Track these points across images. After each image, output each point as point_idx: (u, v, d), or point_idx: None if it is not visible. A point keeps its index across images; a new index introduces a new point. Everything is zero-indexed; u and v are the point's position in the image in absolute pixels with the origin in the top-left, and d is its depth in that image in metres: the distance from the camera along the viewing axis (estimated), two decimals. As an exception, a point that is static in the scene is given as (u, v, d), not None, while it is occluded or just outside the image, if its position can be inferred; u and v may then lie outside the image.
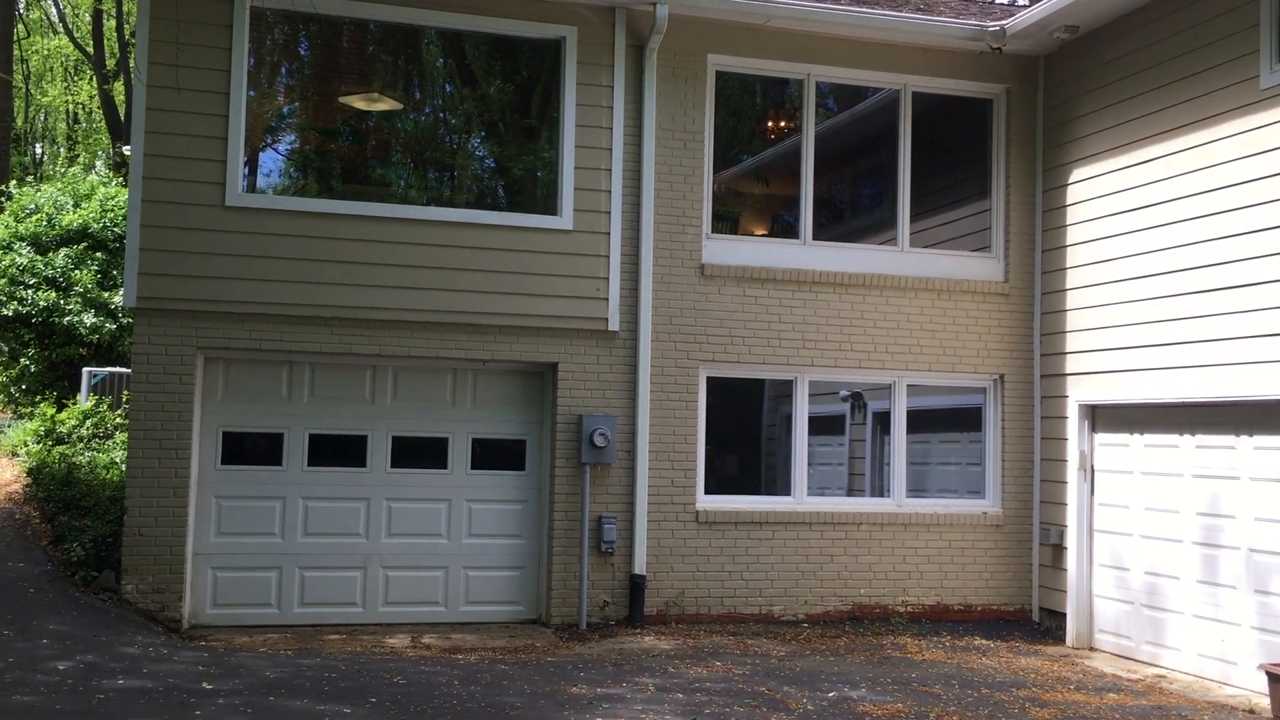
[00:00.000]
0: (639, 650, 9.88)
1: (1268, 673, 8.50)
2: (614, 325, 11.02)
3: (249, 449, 10.60)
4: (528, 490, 11.11)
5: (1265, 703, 8.59)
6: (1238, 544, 9.46)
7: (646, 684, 8.55)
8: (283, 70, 11.64)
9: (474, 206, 11.20)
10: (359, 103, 11.30)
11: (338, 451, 10.75)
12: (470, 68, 11.68)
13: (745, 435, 12.16)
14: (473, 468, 10.99)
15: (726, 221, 12.08)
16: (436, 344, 10.70)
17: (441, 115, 11.83)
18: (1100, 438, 11.11)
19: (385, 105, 11.35)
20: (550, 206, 11.08)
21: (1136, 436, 10.66)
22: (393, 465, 10.81)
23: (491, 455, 11.09)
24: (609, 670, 9.01)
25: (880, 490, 11.96)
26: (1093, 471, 11.15)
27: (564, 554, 10.85)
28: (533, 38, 11.13)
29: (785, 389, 11.73)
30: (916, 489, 12.01)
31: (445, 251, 10.70)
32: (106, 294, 15.97)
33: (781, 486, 11.66)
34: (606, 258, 11.03)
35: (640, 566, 10.95)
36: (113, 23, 29.71)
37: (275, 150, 11.47)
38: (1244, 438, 9.48)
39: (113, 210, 16.90)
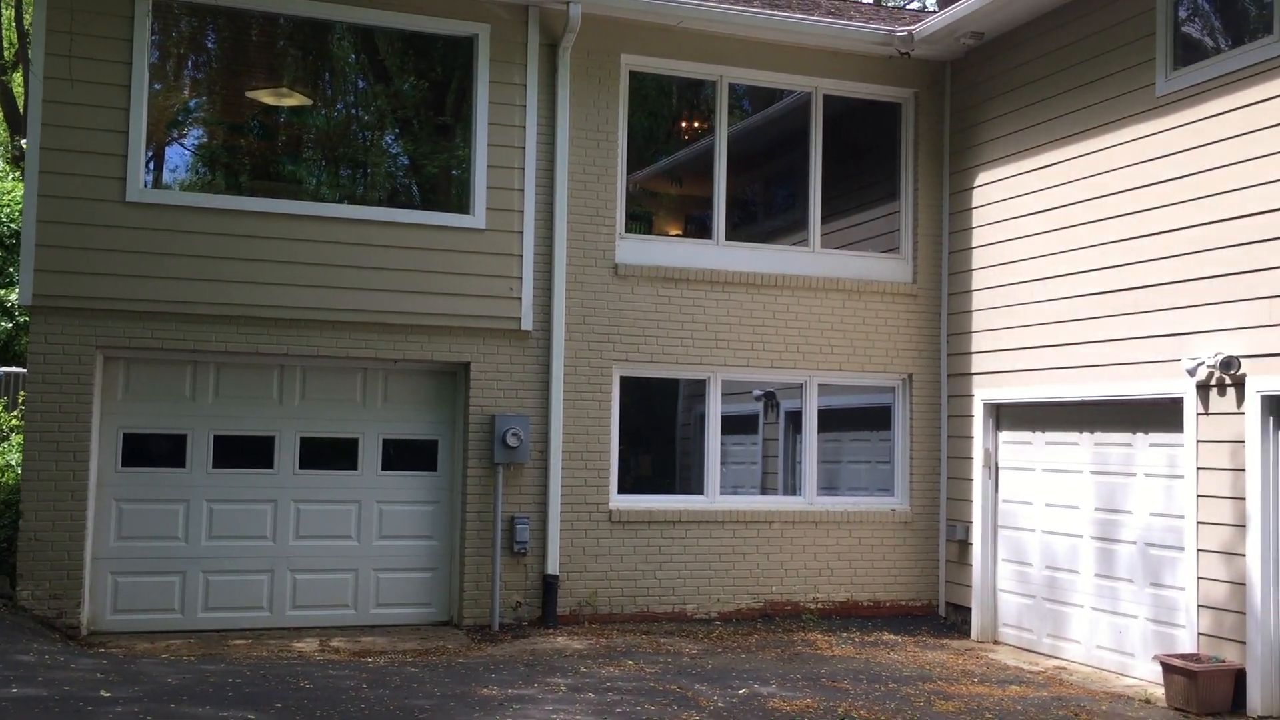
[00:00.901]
0: (551, 650, 9.86)
1: (1163, 663, 8.76)
2: (527, 325, 10.98)
3: (151, 451, 10.35)
4: (440, 491, 11.02)
5: (1160, 692, 8.86)
6: (1134, 538, 9.74)
7: (558, 684, 8.53)
8: (189, 64, 11.38)
9: (388, 204, 11.07)
10: (267, 98, 11.11)
11: (244, 453, 10.54)
12: (384, 64, 11.54)
13: (660, 434, 12.21)
14: (383, 469, 10.87)
15: (641, 221, 12.12)
16: (347, 343, 10.56)
17: (354, 112, 11.67)
18: (1004, 436, 11.36)
19: (294, 100, 11.17)
20: (464, 205, 11.00)
21: (1039, 434, 10.92)
22: (301, 467, 10.64)
23: (403, 456, 10.97)
24: (521, 671, 8.98)
25: (792, 489, 12.09)
26: (997, 469, 11.40)
27: (476, 555, 10.79)
28: (445, 34, 11.05)
29: (699, 388, 11.80)
30: (828, 487, 12.17)
31: (356, 250, 10.56)
32: (2, 292, 15.48)
33: (695, 486, 11.72)
34: (520, 257, 10.99)
35: (553, 566, 10.92)
36: (11, 12, 28.80)
37: (181, 145, 11.21)
38: (1140, 435, 9.76)
39: (9, 205, 16.39)
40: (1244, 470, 8.60)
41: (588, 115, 11.33)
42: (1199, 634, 8.90)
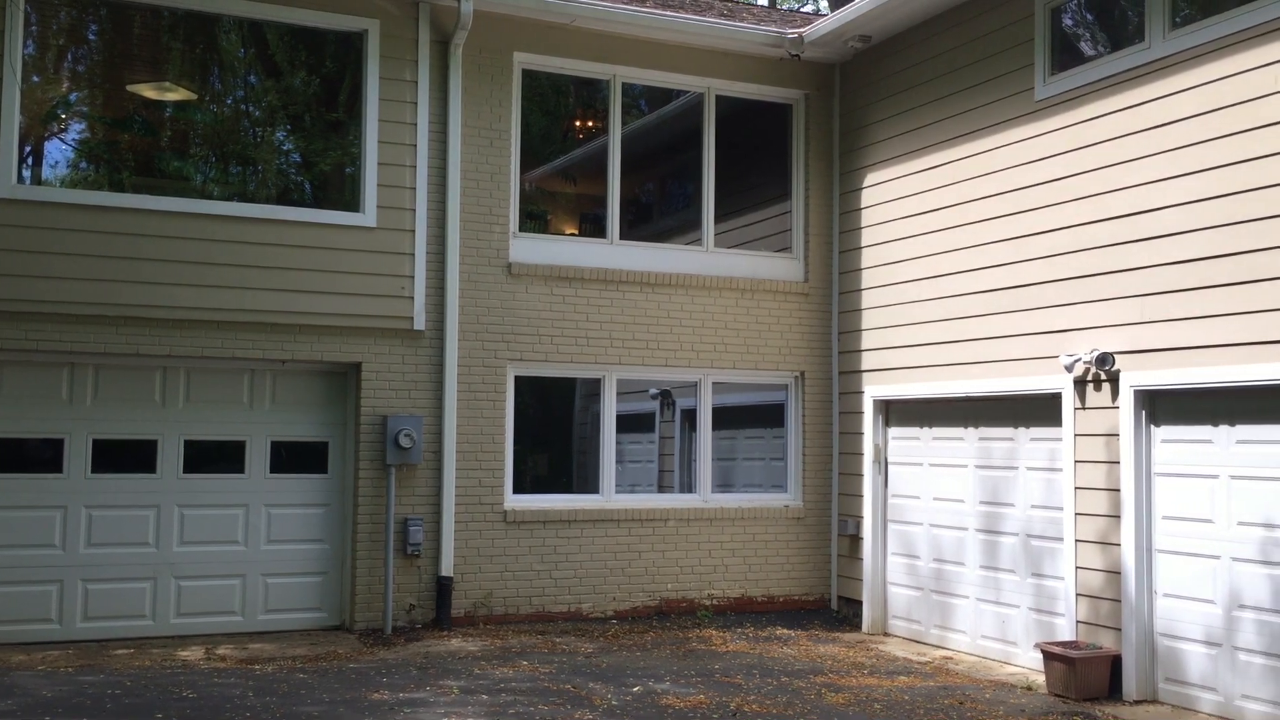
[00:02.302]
0: (445, 653, 9.77)
1: (1043, 651, 9.02)
2: (419, 324, 10.86)
3: (25, 456, 9.99)
4: (330, 493, 10.84)
5: (1041, 679, 9.12)
6: (1016, 530, 10.01)
7: (451, 687, 8.46)
8: (69, 56, 11.02)
9: (280, 202, 10.85)
10: (149, 92, 10.81)
11: (125, 457, 10.23)
12: (274, 59, 11.31)
13: (556, 434, 12.19)
14: (272, 471, 10.65)
15: (536, 220, 12.09)
16: (233, 344, 10.32)
17: (244, 107, 11.41)
18: (893, 431, 11.59)
19: (178, 95, 10.89)
20: (355, 203, 10.83)
21: (926, 430, 11.16)
22: (185, 470, 10.37)
23: (292, 458, 10.77)
24: (413, 674, 8.88)
25: (688, 486, 12.17)
26: (886, 464, 11.62)
27: (368, 557, 10.63)
28: (334, 30, 10.87)
29: (596, 387, 11.81)
30: (723, 484, 12.27)
31: (242, 248, 10.33)
32: None
33: (591, 484, 11.72)
34: (411, 255, 10.86)
35: (447, 568, 10.83)
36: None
37: (61, 140, 10.85)
38: (1022, 430, 10.04)
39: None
40: (1118, 462, 8.90)
41: (481, 113, 11.25)
42: (1078, 622, 9.19)
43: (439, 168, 11.02)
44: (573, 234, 12.34)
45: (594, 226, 12.17)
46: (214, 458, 10.51)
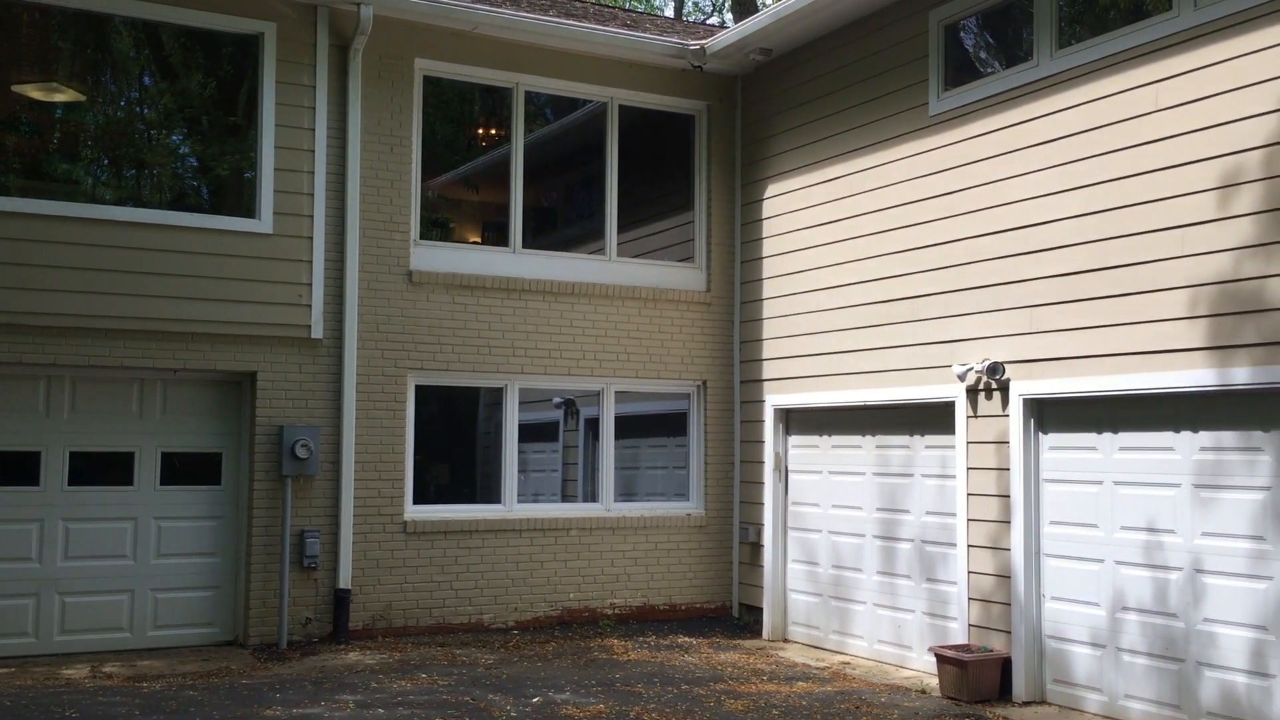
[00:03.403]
0: (342, 667, 9.61)
1: (937, 655, 9.19)
2: (317, 333, 10.69)
3: (-101, 469, 9.60)
4: (224, 505, 10.59)
5: (935, 682, 9.28)
6: (912, 536, 10.20)
7: (347, 701, 8.32)
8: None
9: (176, 207, 10.58)
10: (35, 93, 10.48)
11: (5, 470, 9.87)
12: (169, 60, 11.04)
13: (459, 443, 12.09)
14: (162, 483, 10.37)
15: (440, 228, 11.98)
16: (121, 353, 10.03)
17: (138, 109, 11.11)
18: (794, 440, 11.72)
19: (66, 96, 10.57)
20: (252, 209, 10.61)
21: (825, 438, 11.31)
22: (70, 483, 10.04)
23: (184, 470, 10.50)
24: (308, 689, 8.71)
25: (591, 495, 12.15)
26: (787, 472, 11.74)
27: (263, 571, 10.41)
28: (229, 32, 10.65)
29: (499, 396, 11.73)
30: (626, 493, 12.29)
31: (133, 254, 10.05)
32: None
33: (494, 494, 11.64)
34: (309, 263, 10.68)
35: (345, 580, 10.65)
36: None
37: (-57, 143, 10.46)
38: (917, 438, 10.23)
39: None
40: (1008, 469, 9.11)
41: (381, 120, 11.12)
42: (970, 625, 9.39)
43: (338, 174, 10.87)
44: (476, 242, 12.26)
45: (497, 235, 12.10)
46: (101, 469, 10.19)
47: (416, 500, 11.23)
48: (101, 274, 9.92)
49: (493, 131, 12.31)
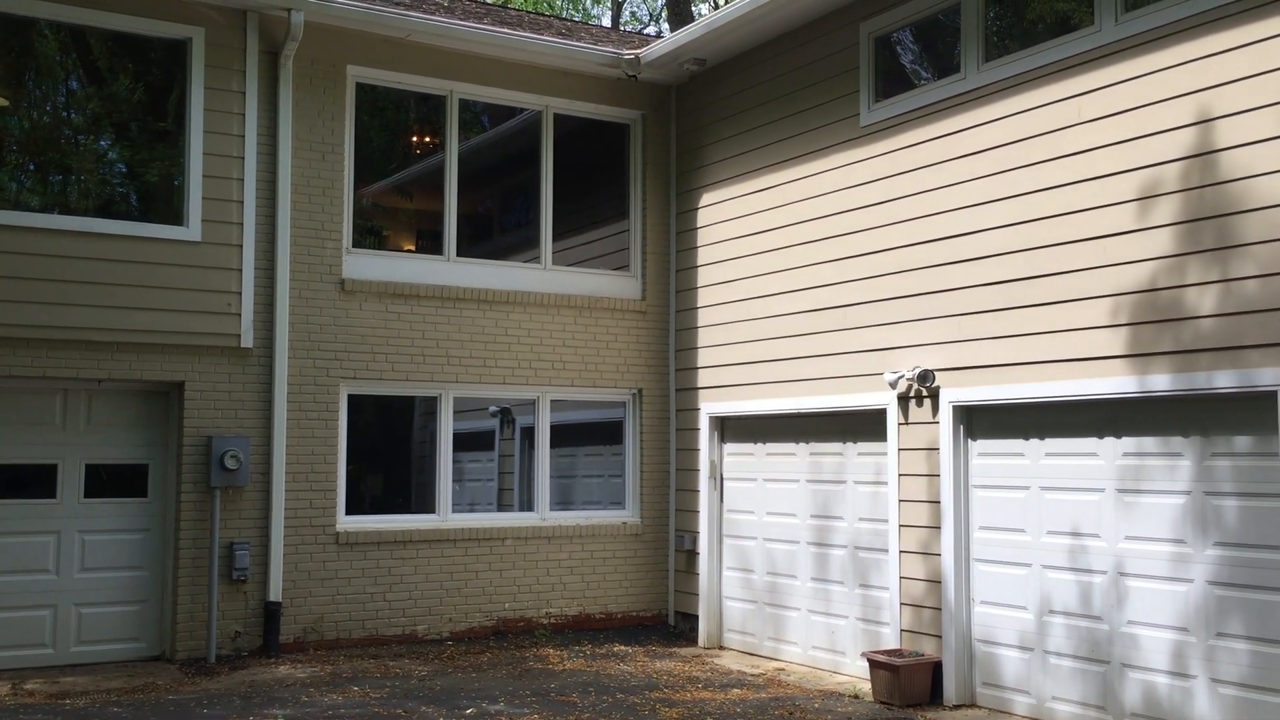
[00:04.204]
0: (272, 680, 9.47)
1: (869, 660, 9.28)
2: (247, 342, 10.54)
3: None
4: (151, 518, 10.40)
5: (868, 687, 9.36)
6: (845, 543, 10.28)
7: (276, 715, 8.20)
8: None
9: (105, 214, 10.37)
10: (-47, 96, 10.23)
11: (-78, 483, 9.64)
12: (96, 65, 10.82)
13: (394, 453, 11.98)
14: (86, 495, 10.15)
15: (374, 236, 11.88)
16: (43, 362, 9.81)
17: (65, 114, 10.88)
18: (729, 448, 11.77)
19: (-14, 101, 10.33)
20: (180, 216, 10.44)
21: (760, 446, 11.37)
22: (-10, 497, 9.82)
23: (109, 481, 10.29)
24: (236, 704, 8.57)
25: (527, 504, 12.11)
26: (722, 480, 11.79)
27: (191, 584, 10.23)
28: (157, 37, 10.48)
29: (434, 406, 11.65)
30: (563, 502, 12.26)
31: (55, 262, 9.84)
32: None
33: (428, 504, 11.55)
34: (239, 271, 10.53)
35: (276, 593, 10.50)
36: None
37: None
38: (850, 445, 10.33)
39: None
40: (939, 475, 9.23)
41: (312, 127, 11.01)
42: (902, 630, 9.48)
43: (268, 181, 10.74)
44: (410, 250, 12.17)
45: (432, 243, 12.02)
46: (22, 482, 9.95)
47: (349, 511, 11.11)
48: (24, 282, 9.71)
49: (427, 139, 12.24)
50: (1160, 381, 7.68)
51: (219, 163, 10.50)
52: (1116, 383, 7.94)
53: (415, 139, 12.41)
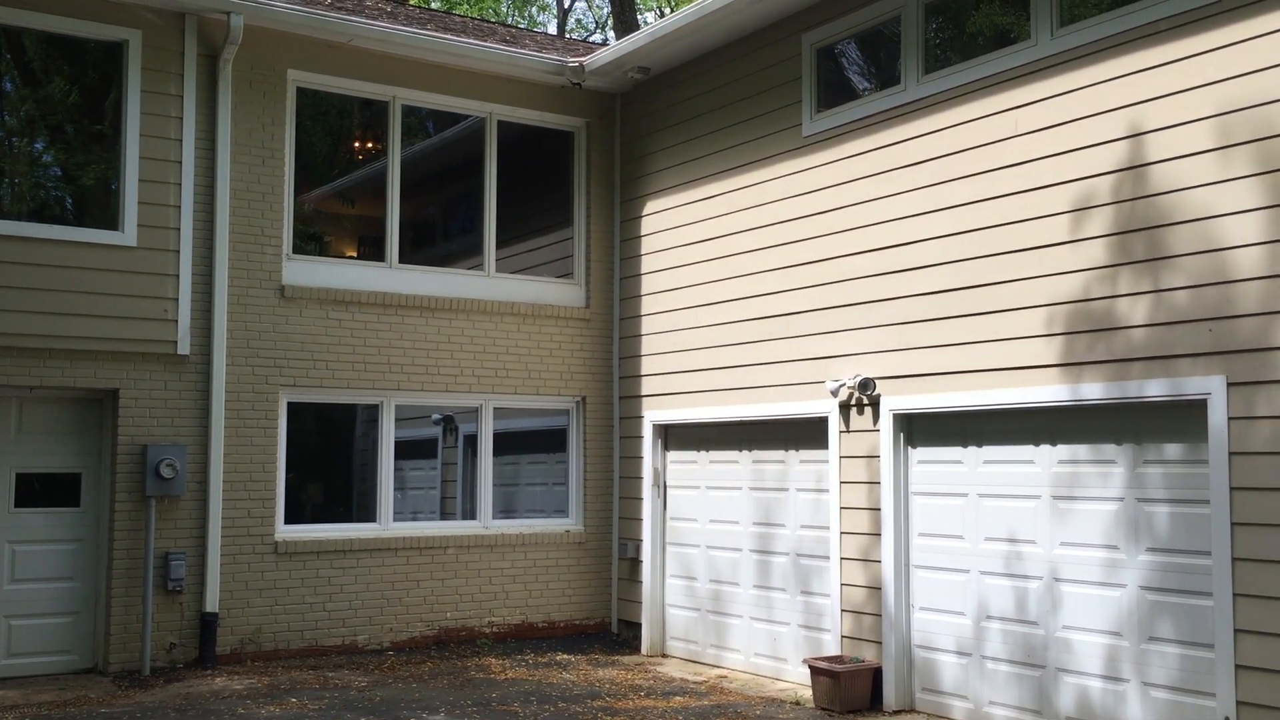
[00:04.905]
0: (208, 693, 9.32)
1: (810, 666, 9.33)
2: (184, 348, 10.38)
3: None
4: (84, 528, 10.20)
5: (809, 693, 9.42)
6: (787, 550, 10.34)
7: (212, 728, 8.08)
8: None
9: (36, 218, 10.15)
10: (-118, 97, 9.99)
11: None
12: (31, 66, 10.61)
13: (335, 461, 11.86)
14: (17, 505, 9.94)
15: (315, 242, 11.76)
16: (-27, 369, 9.61)
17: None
18: (672, 455, 11.79)
19: (-88, 102, 10.09)
20: (115, 221, 10.27)
21: (704, 454, 11.40)
22: (-84, 506, 9.59)
23: (41, 491, 10.08)
24: (171, 717, 8.43)
25: (470, 513, 12.04)
26: (665, 488, 11.81)
27: (125, 595, 10.05)
28: (92, 39, 10.30)
29: (376, 413, 11.55)
30: (506, 510, 12.21)
31: (-14, 266, 9.65)
32: None
33: (370, 513, 11.44)
34: (176, 277, 10.38)
35: (212, 604, 10.35)
36: None
37: None
38: (792, 453, 10.39)
39: None
40: (879, 482, 9.32)
41: (252, 131, 10.88)
42: (843, 637, 9.55)
43: (207, 186, 10.60)
44: (352, 257, 12.06)
45: (374, 249, 11.93)
46: (-50, 492, 9.75)
47: (289, 520, 10.98)
48: (-48, 287, 9.51)
49: (370, 145, 12.15)
50: (1094, 390, 7.81)
51: (156, 167, 10.34)
52: (1052, 391, 8.06)
53: (358, 144, 12.31)
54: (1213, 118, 7.30)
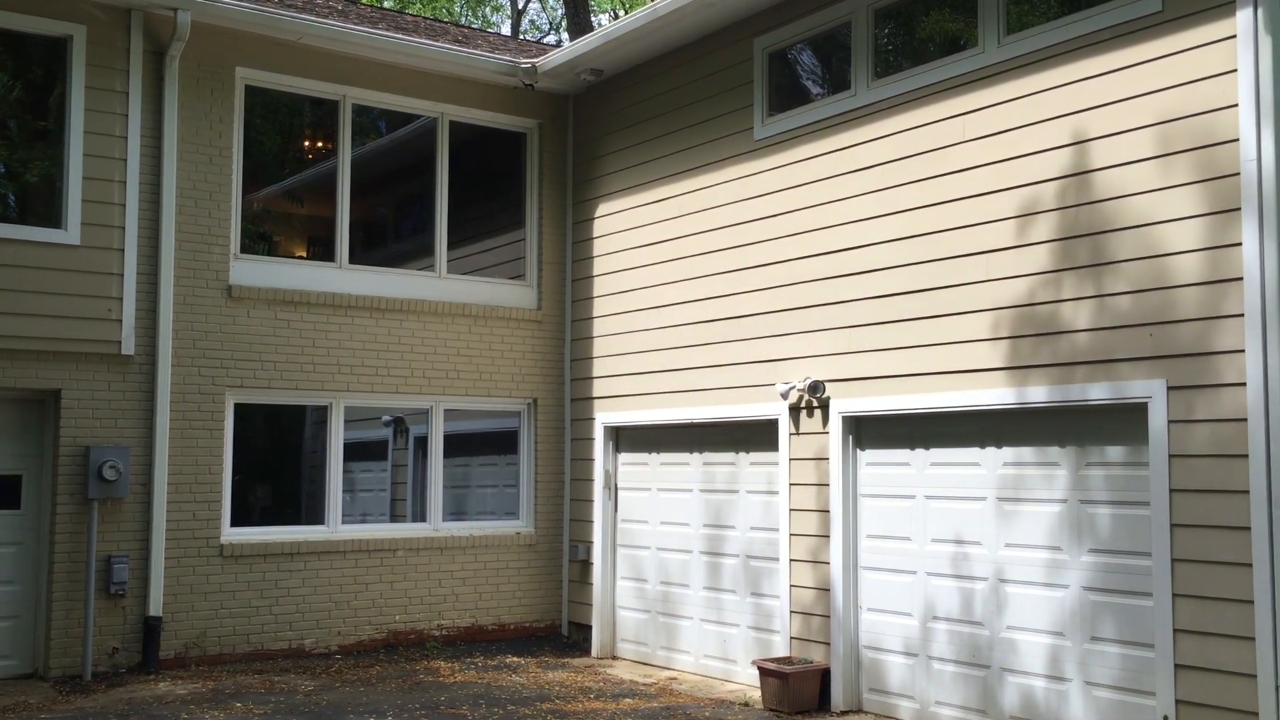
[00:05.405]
0: (151, 698, 9.19)
1: (760, 668, 9.36)
2: (128, 349, 10.24)
3: None
4: (24, 531, 10.02)
5: (758, 695, 9.45)
6: (737, 552, 10.37)
7: (154, 734, 7.97)
8: None
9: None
10: None
11: None
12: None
13: (283, 463, 11.74)
14: (-46, 508, 9.78)
15: (263, 242, 11.64)
16: (-91, 369, 9.42)
17: (-63, 111, 10.47)
18: (624, 457, 11.79)
19: None
20: (58, 219, 10.10)
21: (655, 456, 11.41)
22: None
23: (-21, 493, 9.92)
24: (112, 723, 8.31)
25: (420, 515, 11.96)
26: (616, 490, 11.81)
27: (66, 599, 9.89)
28: (36, 34, 10.13)
29: (325, 415, 11.45)
30: (457, 512, 12.15)
31: (-77, 264, 9.46)
32: None
33: (318, 515, 11.34)
34: (120, 276, 10.23)
35: (156, 608, 10.20)
36: None
37: None
38: (743, 455, 10.43)
39: None
40: (828, 484, 9.37)
41: (199, 129, 10.75)
42: (792, 638, 9.60)
43: (152, 184, 10.45)
44: (301, 257, 11.95)
45: (324, 250, 11.82)
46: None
47: (235, 522, 10.86)
48: (-112, 285, 9.31)
49: (320, 144, 12.04)
50: (1038, 393, 7.91)
51: (100, 164, 10.19)
52: (998, 394, 8.15)
53: (308, 143, 12.21)
54: (1153, 126, 7.42)
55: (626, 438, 11.80)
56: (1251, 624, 6.73)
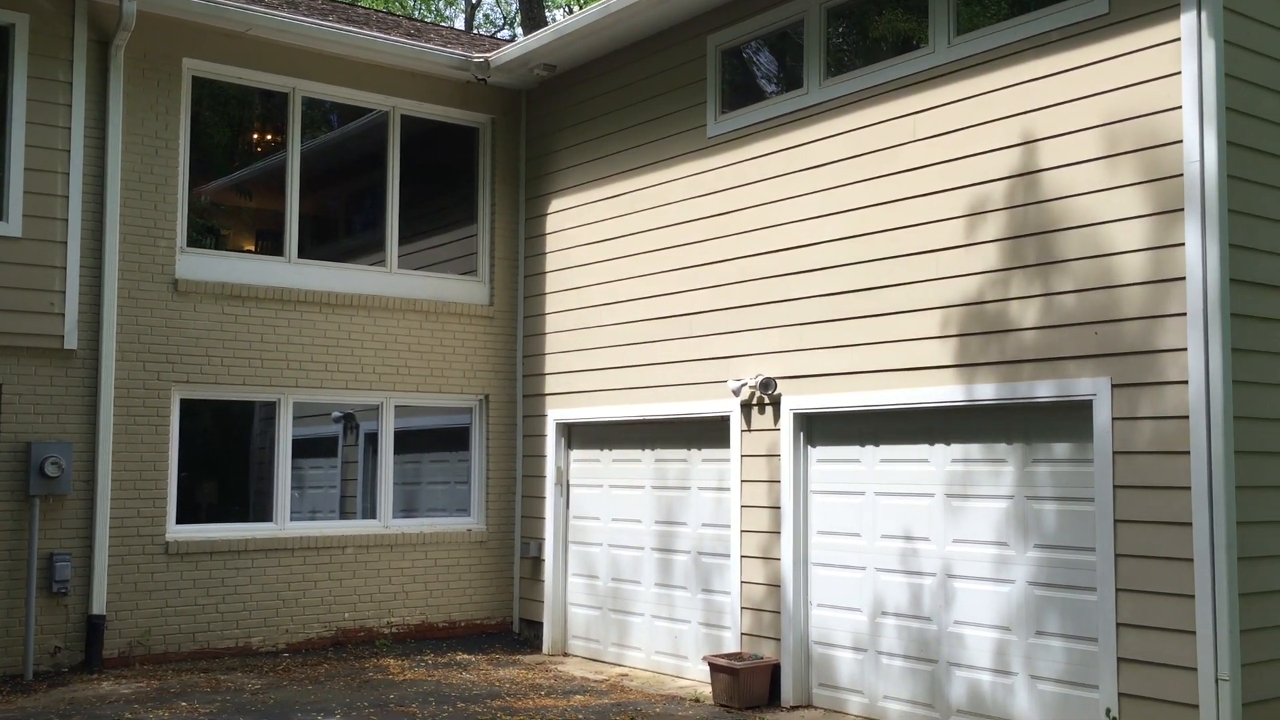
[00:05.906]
0: (94, 697, 9.05)
1: (710, 664, 9.39)
2: (71, 343, 10.06)
3: None
4: (-37, 528, 9.84)
5: (708, 690, 9.48)
6: (689, 548, 10.39)
7: (96, 734, 7.85)
8: None
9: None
10: None
11: None
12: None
13: (231, 460, 11.59)
14: (-110, 505, 9.56)
15: (211, 235, 11.49)
16: None
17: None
18: (576, 454, 11.77)
19: None
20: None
21: (607, 452, 11.40)
22: None
23: (-83, 490, 9.70)
24: (53, 723, 8.17)
25: (370, 512, 11.87)
26: (568, 486, 11.78)
27: (7, 598, 9.71)
28: (-24, 21, 9.94)
29: (273, 411, 11.32)
30: (407, 509, 12.07)
31: None
32: None
33: (266, 512, 11.21)
34: (63, 269, 10.06)
35: (100, 606, 10.04)
36: None
37: None
38: (695, 452, 10.44)
39: None
40: (779, 481, 9.41)
41: (145, 120, 10.59)
42: (742, 634, 9.63)
43: (96, 176, 10.28)
44: (250, 251, 11.80)
45: (272, 244, 11.68)
46: None
47: (181, 519, 10.71)
48: None
49: (269, 137, 11.90)
50: (986, 391, 7.99)
51: (43, 155, 10.01)
52: (946, 391, 8.23)
53: (257, 136, 12.06)
54: (1100, 127, 7.52)
55: (579, 434, 11.78)
56: (1193, 618, 6.85)
